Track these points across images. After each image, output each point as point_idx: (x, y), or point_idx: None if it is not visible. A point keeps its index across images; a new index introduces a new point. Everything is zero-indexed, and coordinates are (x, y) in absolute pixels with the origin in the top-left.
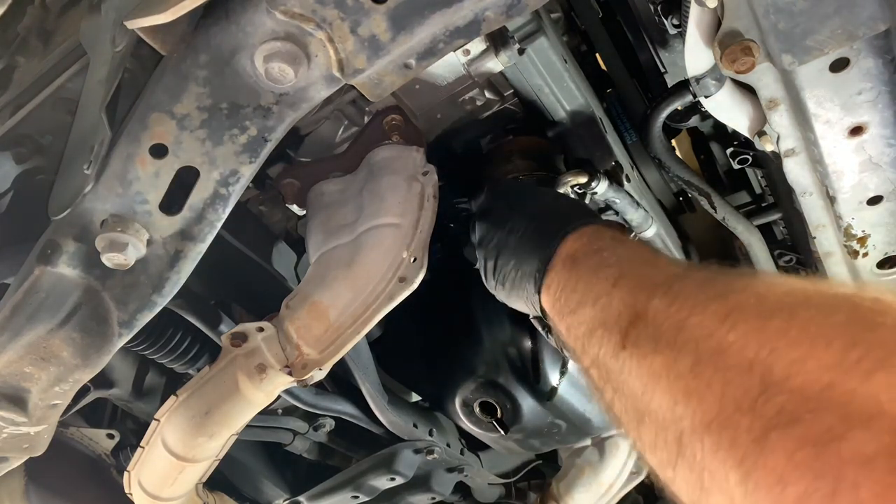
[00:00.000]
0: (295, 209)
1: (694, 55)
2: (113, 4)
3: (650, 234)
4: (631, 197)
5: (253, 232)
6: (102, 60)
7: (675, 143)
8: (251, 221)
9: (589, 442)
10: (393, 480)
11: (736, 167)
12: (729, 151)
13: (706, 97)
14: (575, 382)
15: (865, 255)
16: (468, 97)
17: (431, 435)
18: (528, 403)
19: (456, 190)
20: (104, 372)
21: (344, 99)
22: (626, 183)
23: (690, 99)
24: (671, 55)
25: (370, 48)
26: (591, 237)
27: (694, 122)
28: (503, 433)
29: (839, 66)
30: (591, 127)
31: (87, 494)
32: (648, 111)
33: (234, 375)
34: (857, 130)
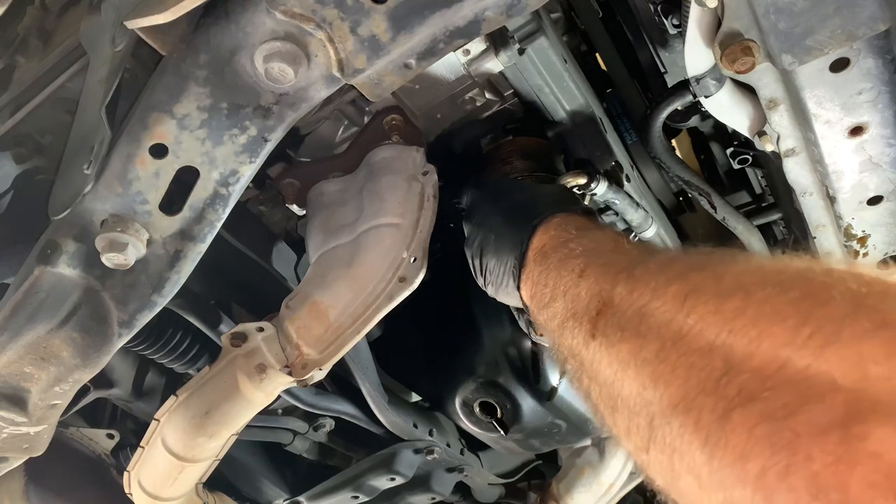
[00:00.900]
0: (295, 209)
1: (694, 55)
2: (113, 4)
3: (650, 234)
4: (631, 197)
5: (253, 232)
6: (102, 60)
7: (675, 143)
8: (251, 221)
9: (589, 442)
10: (393, 480)
11: (736, 167)
12: (729, 151)
13: (706, 97)
14: None
15: (865, 255)
16: (468, 97)
17: (431, 435)
18: (528, 403)
19: (456, 190)
20: (104, 372)
21: (344, 99)
22: (626, 183)
23: (690, 99)
24: (671, 55)
25: (370, 48)
26: (557, 229)
27: (694, 122)
28: (503, 433)
29: (839, 66)
30: (591, 127)
31: (87, 494)
32: (648, 111)
33: (234, 375)
34: (857, 130)
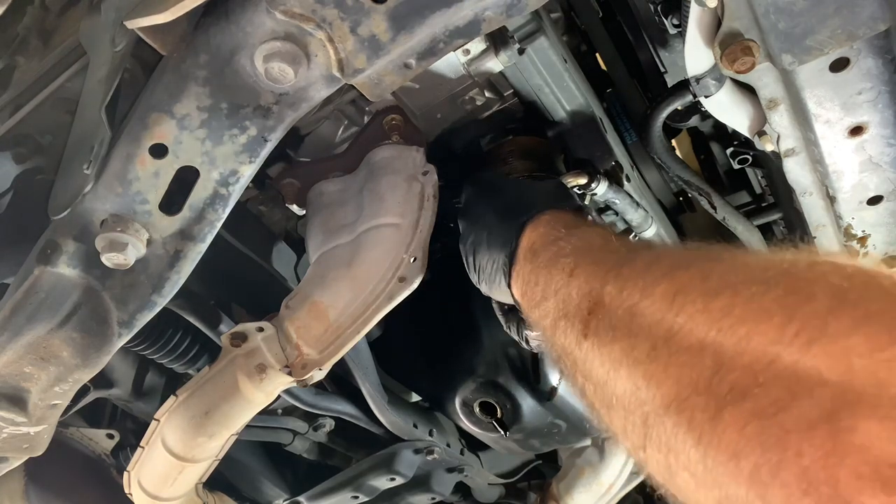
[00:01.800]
0: (295, 209)
1: (694, 55)
2: (113, 4)
3: (650, 234)
4: (631, 197)
5: (253, 232)
6: (102, 60)
7: (675, 143)
8: (251, 221)
9: (589, 442)
10: (393, 480)
11: (736, 167)
12: (729, 151)
13: (706, 97)
14: None
15: (866, 255)
16: (468, 97)
17: (431, 435)
18: (528, 403)
19: (456, 190)
20: (104, 372)
21: (344, 99)
22: (626, 183)
23: (690, 99)
24: (671, 55)
25: (370, 48)
26: (546, 226)
27: (694, 122)
28: (503, 433)
29: (839, 65)
30: (591, 127)
31: (87, 494)
32: (648, 111)
33: (233, 375)
34: (857, 130)
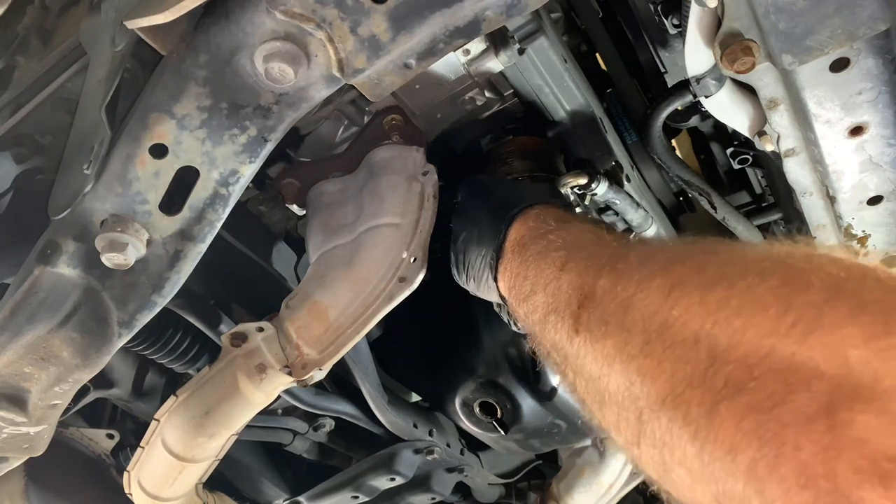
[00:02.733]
0: (295, 209)
1: (694, 55)
2: (113, 4)
3: (650, 234)
4: (631, 197)
5: (253, 232)
6: (102, 60)
7: (675, 143)
8: (251, 221)
9: (589, 442)
10: (393, 480)
11: (736, 167)
12: (729, 151)
13: (706, 97)
14: None
15: (866, 254)
16: (468, 97)
17: (431, 435)
18: (528, 403)
19: (456, 190)
20: (104, 372)
21: (344, 99)
22: (626, 183)
23: (690, 99)
24: (671, 55)
25: (370, 48)
26: (536, 220)
27: (694, 122)
28: (503, 433)
29: (839, 66)
30: (591, 127)
31: (87, 494)
32: (648, 111)
33: (233, 375)
34: (857, 130)
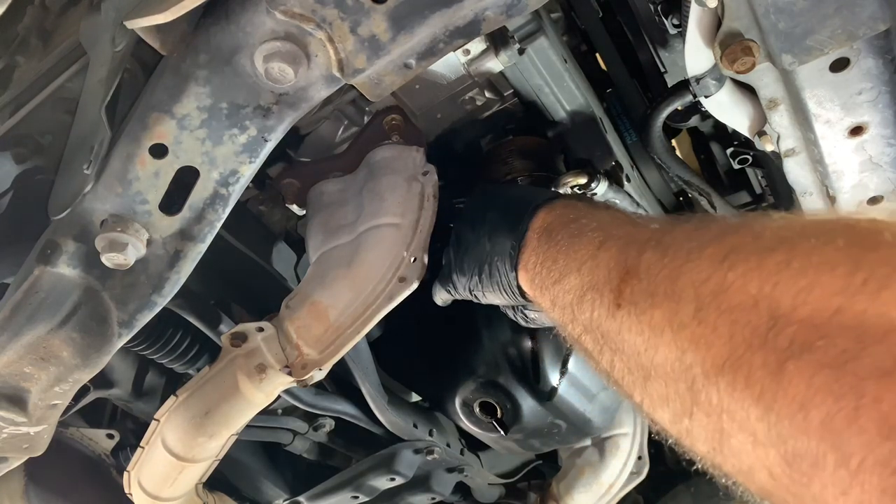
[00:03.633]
0: (295, 209)
1: (694, 55)
2: (113, 4)
3: None
4: (631, 197)
5: (253, 232)
6: (102, 60)
7: (675, 143)
8: (251, 221)
9: (589, 442)
10: (393, 480)
11: (736, 167)
12: (729, 151)
13: (706, 97)
14: (575, 382)
15: None
16: (468, 97)
17: (431, 435)
18: (528, 403)
19: (456, 190)
20: (104, 372)
21: (344, 99)
22: (626, 183)
23: (690, 99)
24: (671, 55)
25: (370, 48)
26: (563, 208)
27: (694, 122)
28: (503, 433)
29: (839, 65)
30: (591, 127)
31: (87, 494)
32: (648, 111)
33: (233, 375)
34: (857, 130)
